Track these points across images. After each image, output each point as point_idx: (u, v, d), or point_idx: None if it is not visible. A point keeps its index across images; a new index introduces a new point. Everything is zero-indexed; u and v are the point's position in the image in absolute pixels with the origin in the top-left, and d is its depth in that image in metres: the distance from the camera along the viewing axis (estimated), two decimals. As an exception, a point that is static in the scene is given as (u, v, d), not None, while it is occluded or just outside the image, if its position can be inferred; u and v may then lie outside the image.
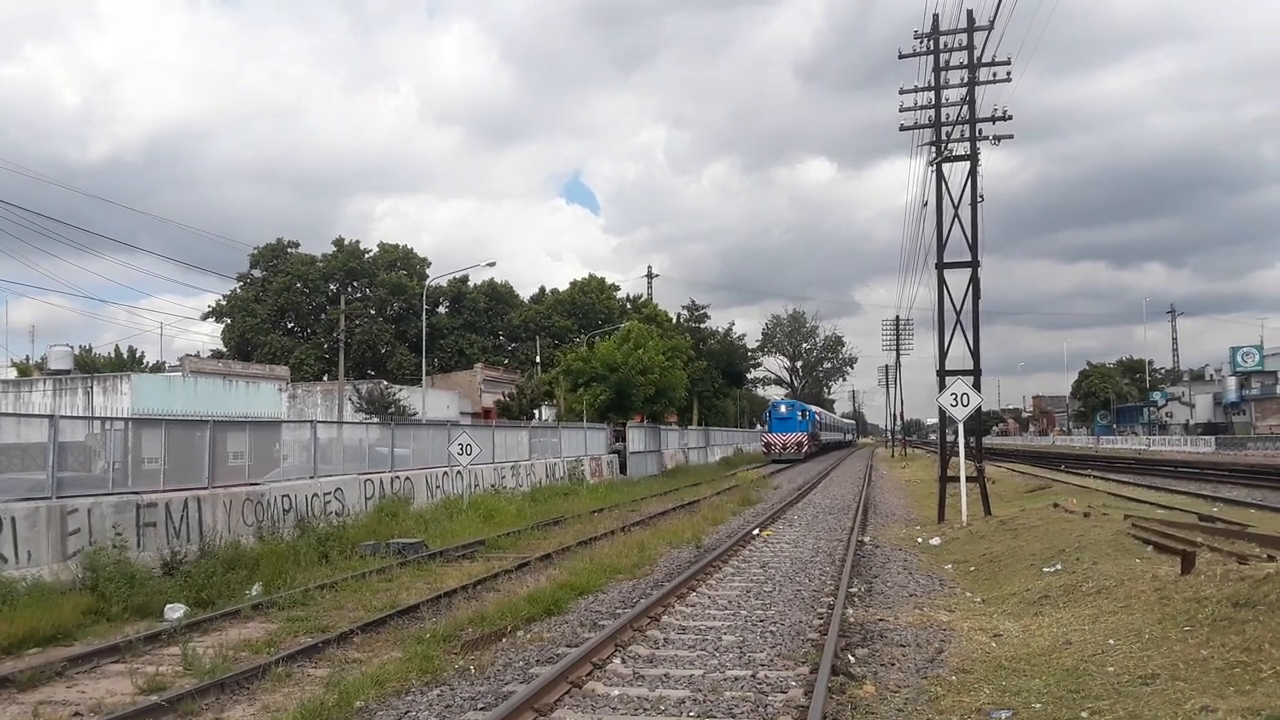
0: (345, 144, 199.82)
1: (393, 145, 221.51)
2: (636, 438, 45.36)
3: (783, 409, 68.18)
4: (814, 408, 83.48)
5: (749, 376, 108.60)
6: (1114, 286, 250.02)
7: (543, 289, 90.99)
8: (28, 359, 60.86)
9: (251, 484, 17.28)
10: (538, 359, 70.45)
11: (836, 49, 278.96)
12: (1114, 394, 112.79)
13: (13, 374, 52.58)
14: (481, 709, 7.52)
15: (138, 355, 65.27)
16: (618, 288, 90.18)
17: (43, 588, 11.64)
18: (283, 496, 17.62)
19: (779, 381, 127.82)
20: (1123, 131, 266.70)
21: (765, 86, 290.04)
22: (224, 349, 74.18)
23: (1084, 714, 6.76)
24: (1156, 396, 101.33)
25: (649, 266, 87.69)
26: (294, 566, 14.71)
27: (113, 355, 63.23)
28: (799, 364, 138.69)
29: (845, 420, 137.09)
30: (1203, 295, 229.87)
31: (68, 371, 43.20)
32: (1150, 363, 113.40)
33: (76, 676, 8.98)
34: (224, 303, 76.10)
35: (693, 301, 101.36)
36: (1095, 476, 35.00)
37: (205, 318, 76.80)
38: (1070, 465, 45.16)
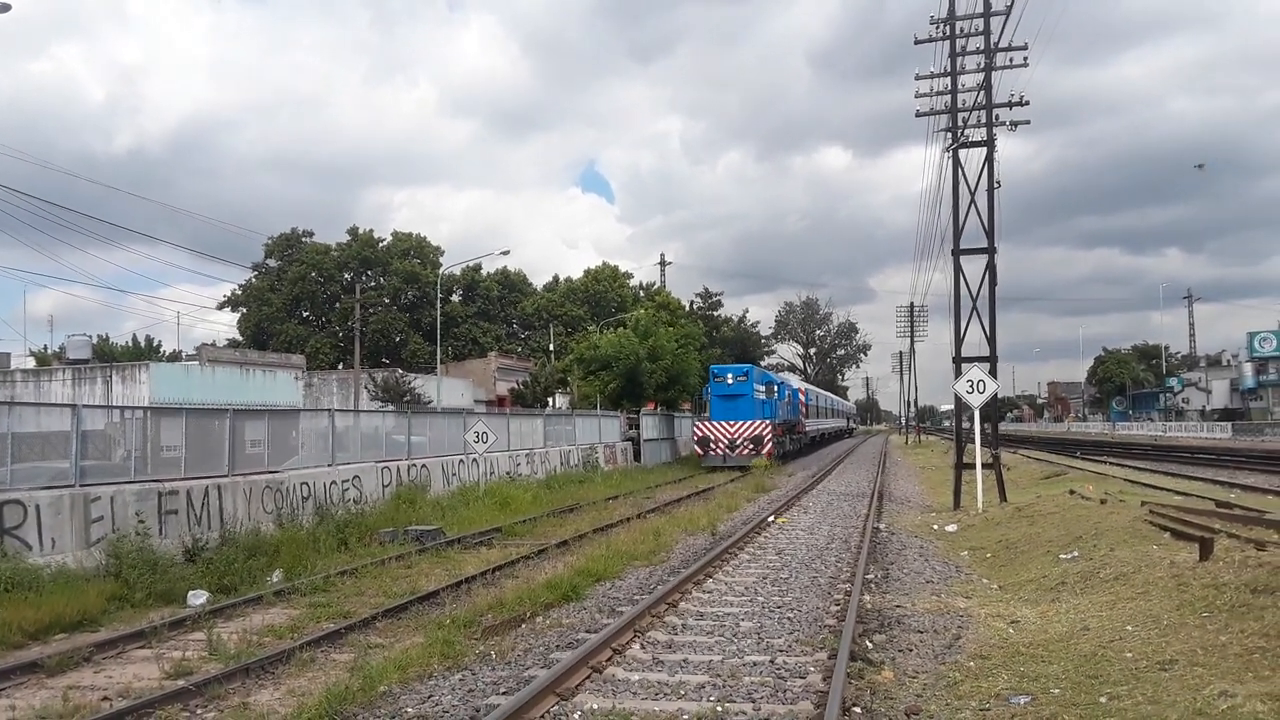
0: (364, 136, 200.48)
1: (411, 137, 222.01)
2: (650, 425, 45.45)
3: (729, 380, 40.63)
4: (793, 381, 58.69)
5: (762, 363, 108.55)
6: (1130, 272, 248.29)
7: (556, 277, 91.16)
8: (46, 348, 61.31)
9: (271, 471, 17.43)
10: (550, 347, 70.56)
11: (851, 37, 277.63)
12: (1130, 380, 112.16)
13: (31, 363, 52.98)
14: (504, 693, 7.60)
15: (155, 344, 65.69)
16: (631, 275, 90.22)
17: (67, 574, 11.81)
18: (301, 484, 17.77)
19: (792, 368, 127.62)
20: (1140, 117, 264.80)
21: (780, 75, 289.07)
22: (240, 338, 74.61)
23: (1103, 699, 6.79)
24: (1173, 382, 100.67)
25: (661, 254, 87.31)
26: (314, 553, 14.90)
27: (130, 344, 63.63)
28: (812, 351, 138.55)
29: (843, 402, 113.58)
30: (1220, 280, 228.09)
31: (86, 361, 43.50)
32: (1166, 348, 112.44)
33: (103, 662, 9.12)
34: (240, 292, 76.56)
35: (706, 289, 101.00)
36: (1111, 463, 34.92)
37: (221, 307, 77.37)
38: (1086, 452, 45.06)
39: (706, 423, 40.94)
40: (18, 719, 7.32)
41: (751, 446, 38.95)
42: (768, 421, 39.78)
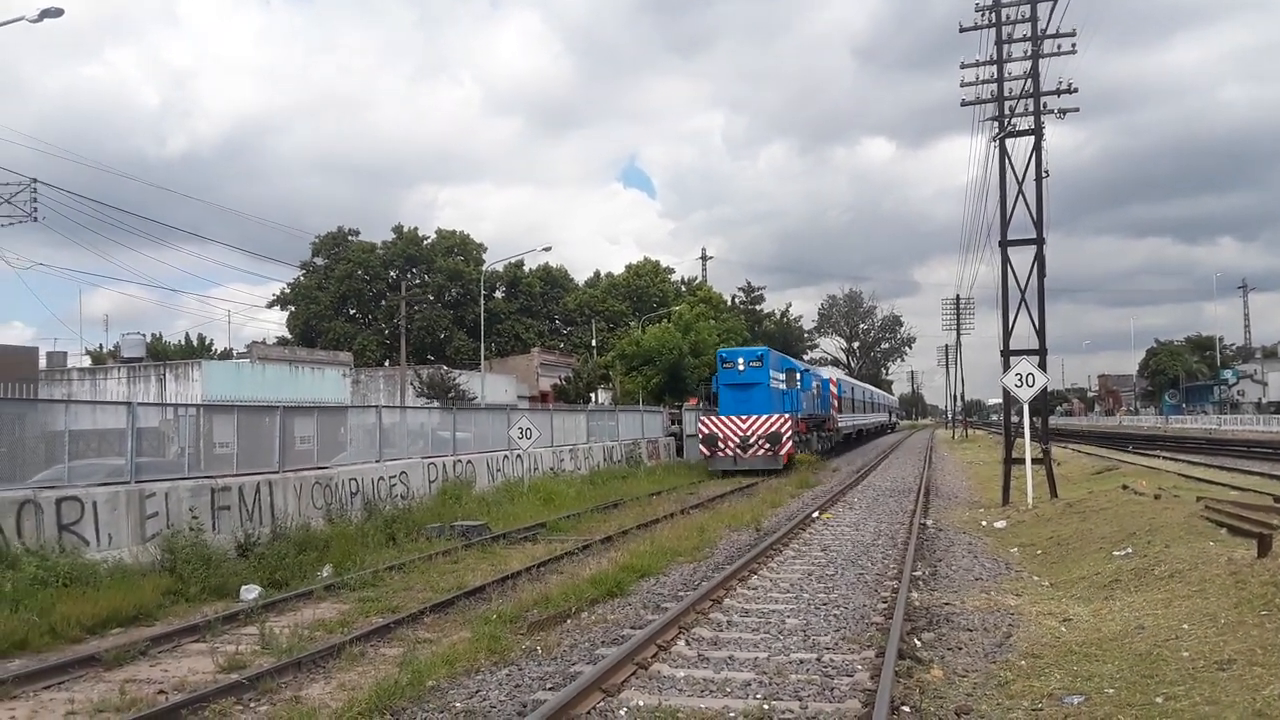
0: (409, 135, 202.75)
1: (454, 135, 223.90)
2: (693, 420, 45.34)
3: (740, 365, 33.59)
4: (824, 370, 52.20)
5: (805, 358, 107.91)
6: (1183, 262, 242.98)
7: (598, 273, 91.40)
8: (101, 347, 62.69)
9: (320, 467, 17.67)
10: (593, 342, 70.74)
11: (895, 28, 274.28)
12: (1183, 372, 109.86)
13: (87, 362, 54.24)
14: (550, 689, 7.64)
15: (207, 343, 66.84)
16: (672, 270, 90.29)
17: (123, 569, 12.04)
18: (350, 480, 17.99)
19: (835, 362, 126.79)
20: (1192, 104, 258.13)
21: (822, 68, 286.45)
22: (289, 336, 75.77)
23: (1159, 699, 6.66)
24: (1227, 374, 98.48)
25: (703, 249, 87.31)
26: (362, 548, 15.06)
27: (183, 343, 64.82)
28: (856, 345, 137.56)
29: (884, 394, 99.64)
30: (1276, 270, 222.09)
31: (141, 359, 44.48)
32: (1221, 340, 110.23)
33: (159, 655, 9.30)
34: (288, 291, 77.72)
35: (748, 283, 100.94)
36: (1165, 457, 34.22)
37: (271, 305, 78.61)
38: (1138, 446, 44.20)
39: (713, 418, 33.68)
40: (77, 712, 7.49)
41: (768, 446, 32.56)
42: (788, 415, 33.31)
